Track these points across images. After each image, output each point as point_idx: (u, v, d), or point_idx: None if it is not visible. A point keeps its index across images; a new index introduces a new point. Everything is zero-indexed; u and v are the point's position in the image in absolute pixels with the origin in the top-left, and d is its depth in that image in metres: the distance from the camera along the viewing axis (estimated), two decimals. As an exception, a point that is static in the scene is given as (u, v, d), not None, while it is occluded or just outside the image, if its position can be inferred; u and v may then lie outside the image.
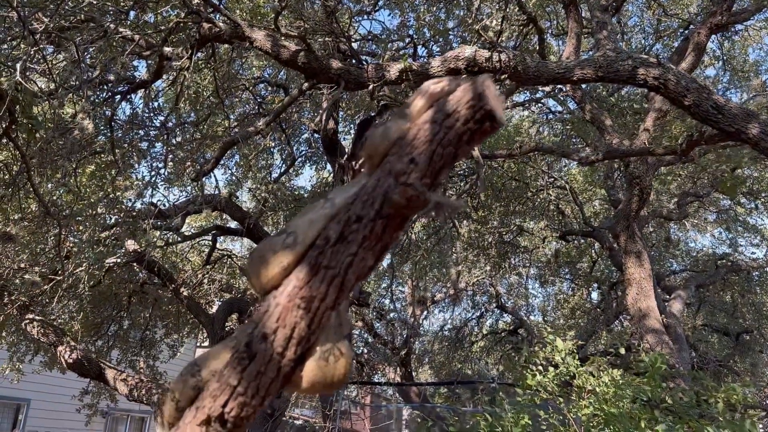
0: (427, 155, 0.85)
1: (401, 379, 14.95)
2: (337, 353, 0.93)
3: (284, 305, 0.90)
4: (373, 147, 0.91)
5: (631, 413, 5.04)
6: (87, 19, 5.00)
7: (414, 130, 0.88)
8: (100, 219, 7.12)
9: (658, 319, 7.83)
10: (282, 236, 0.94)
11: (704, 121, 4.53)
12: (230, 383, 0.91)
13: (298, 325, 0.89)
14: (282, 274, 0.92)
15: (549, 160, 11.63)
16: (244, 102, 9.40)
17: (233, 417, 0.92)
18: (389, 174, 0.86)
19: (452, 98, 0.86)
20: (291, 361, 0.90)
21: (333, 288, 0.89)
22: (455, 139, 0.85)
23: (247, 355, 0.91)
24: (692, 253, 15.01)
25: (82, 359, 7.79)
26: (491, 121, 0.84)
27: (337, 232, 0.89)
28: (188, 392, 0.98)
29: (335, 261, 0.88)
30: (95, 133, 5.95)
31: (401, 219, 0.87)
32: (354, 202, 0.89)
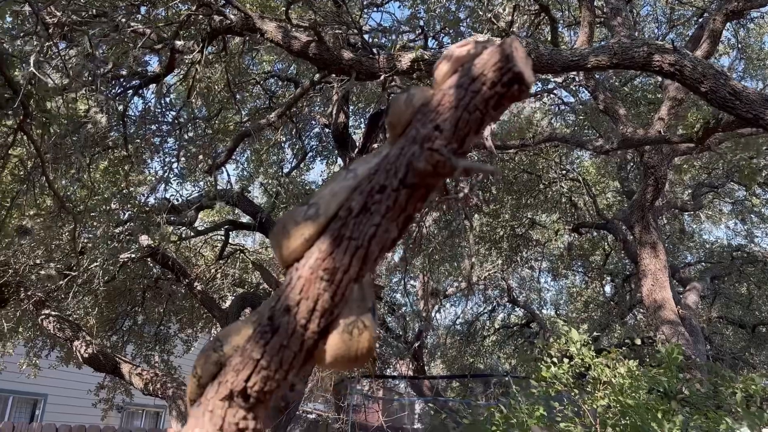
0: (453, 122, 0.83)
1: (413, 373, 14.95)
2: (360, 326, 0.91)
3: (307, 277, 0.88)
4: (397, 115, 0.89)
5: (647, 404, 5.00)
6: (99, 14, 5.01)
7: (438, 95, 0.86)
8: (114, 214, 7.15)
9: (673, 311, 7.76)
10: (304, 208, 0.92)
11: (721, 108, 4.47)
12: (253, 357, 0.89)
13: (321, 297, 0.87)
14: (304, 246, 0.91)
15: (561, 152, 11.55)
16: (255, 97, 9.40)
17: (256, 391, 0.90)
18: (413, 142, 0.84)
19: (478, 61, 0.84)
20: (314, 333, 0.89)
21: (356, 259, 0.87)
22: (482, 104, 0.83)
23: (270, 328, 0.89)
24: (707, 245, 14.87)
25: (98, 354, 7.86)
26: (520, 84, 0.82)
27: (360, 203, 0.87)
28: (210, 368, 0.96)
29: (358, 232, 0.86)
30: (108, 128, 5.97)
31: (426, 188, 0.85)
32: (377, 172, 0.87)
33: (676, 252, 14.31)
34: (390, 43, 7.60)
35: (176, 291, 9.72)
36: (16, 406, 13.50)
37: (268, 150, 9.87)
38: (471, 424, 6.27)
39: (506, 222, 12.60)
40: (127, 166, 6.78)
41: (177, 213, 7.83)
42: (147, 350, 10.58)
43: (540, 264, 16.00)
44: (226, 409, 0.93)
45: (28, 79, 3.79)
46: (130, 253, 7.58)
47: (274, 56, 8.92)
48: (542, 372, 5.44)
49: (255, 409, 0.93)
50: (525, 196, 11.87)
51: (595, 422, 5.17)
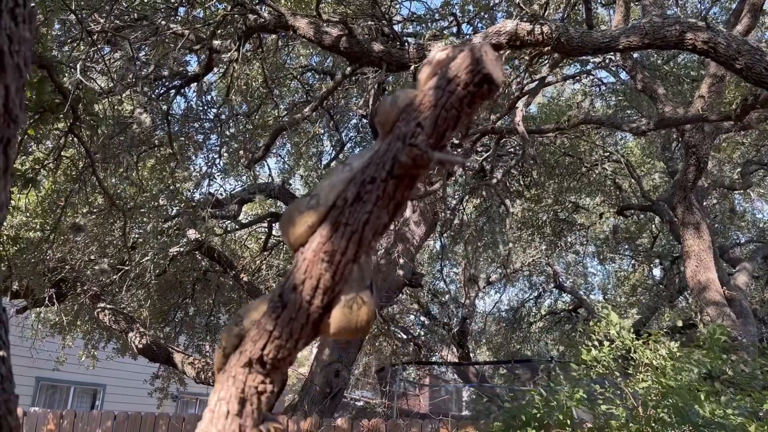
0: (432, 119, 0.94)
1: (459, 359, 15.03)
2: (359, 301, 1.04)
3: (310, 259, 1.01)
4: (384, 115, 1.00)
5: (690, 386, 4.97)
6: (140, 18, 5.24)
7: (420, 96, 0.97)
8: (162, 210, 7.45)
9: (719, 292, 7.63)
10: (307, 199, 1.05)
11: (758, 84, 4.40)
12: (267, 329, 1.03)
13: (323, 276, 1.00)
14: (308, 233, 1.04)
15: (603, 134, 11.39)
16: (293, 91, 9.59)
17: (271, 358, 1.04)
18: (398, 138, 0.96)
19: (453, 65, 0.94)
20: (318, 308, 1.02)
21: (352, 243, 0.99)
22: (457, 103, 0.94)
23: (281, 304, 1.03)
24: (759, 224, 14.43)
25: (152, 345, 8.22)
26: (489, 84, 0.92)
27: (354, 193, 0.99)
28: (233, 340, 1.10)
29: (353, 219, 0.99)
30: (153, 128, 6.23)
31: (410, 178, 0.97)
32: (369, 165, 0.99)
33: (727, 232, 13.95)
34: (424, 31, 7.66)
35: (224, 282, 10.03)
36: (77, 395, 14.18)
37: (308, 143, 10.07)
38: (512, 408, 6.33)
39: (548, 206, 12.49)
40: (173, 163, 7.05)
41: (221, 207, 8.09)
42: (198, 340, 10.96)
43: (585, 248, 15.81)
44: (246, 374, 1.07)
45: (76, 85, 4.03)
46: (178, 247, 7.88)
47: (310, 50, 9.08)
48: (583, 355, 5.47)
49: (271, 374, 1.07)
50: (567, 180, 11.74)
51: (637, 404, 5.18)
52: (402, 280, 8.42)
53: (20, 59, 0.97)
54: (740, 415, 4.71)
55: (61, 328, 9.36)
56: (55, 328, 9.52)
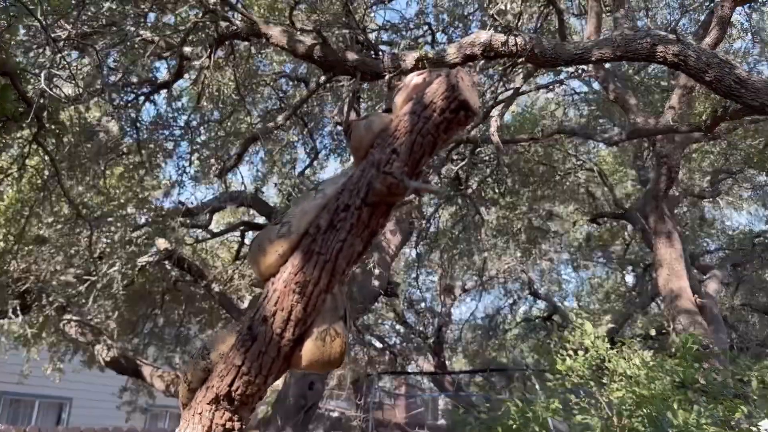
0: (408, 145, 0.90)
1: (435, 368, 15.00)
2: (333, 333, 0.98)
3: (281, 290, 0.95)
4: (358, 140, 0.95)
5: (663, 394, 5.00)
6: (108, 24, 5.12)
7: (395, 121, 0.92)
8: (131, 219, 7.29)
9: (690, 300, 7.72)
10: (277, 226, 0.99)
11: (727, 96, 4.46)
12: (235, 364, 0.97)
13: (294, 308, 0.95)
14: (279, 262, 0.98)
15: (576, 143, 11.48)
16: (266, 98, 9.49)
17: (239, 395, 0.98)
18: (372, 164, 0.91)
19: (429, 90, 0.90)
20: (290, 341, 0.96)
21: (325, 273, 0.94)
22: (433, 129, 0.89)
23: (249, 337, 0.97)
24: (728, 232, 14.68)
25: (120, 357, 8.02)
26: (466, 111, 0.88)
27: (327, 220, 0.94)
28: (199, 374, 1.04)
29: (326, 247, 0.93)
30: (121, 135, 6.10)
31: (386, 206, 0.92)
32: (342, 192, 0.94)
33: (697, 240, 14.16)
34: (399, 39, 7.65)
35: (195, 293, 9.86)
36: (42, 409, 13.79)
37: (281, 150, 9.96)
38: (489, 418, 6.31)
39: (523, 214, 12.55)
40: (142, 171, 6.91)
41: (192, 216, 7.95)
42: (168, 352, 10.74)
43: (559, 255, 15.93)
44: (213, 411, 1.01)
45: (41, 92, 3.91)
46: (147, 256, 7.72)
47: (284, 57, 8.99)
48: (558, 365, 5.47)
49: (240, 410, 1.01)
50: (541, 188, 11.81)
51: (611, 413, 5.19)
52: (377, 290, 8.37)
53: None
54: (713, 424, 4.74)
55: (26, 341, 9.08)
56: (20, 341, 9.24)
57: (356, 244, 0.87)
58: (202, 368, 0.97)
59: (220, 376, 0.92)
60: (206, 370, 0.98)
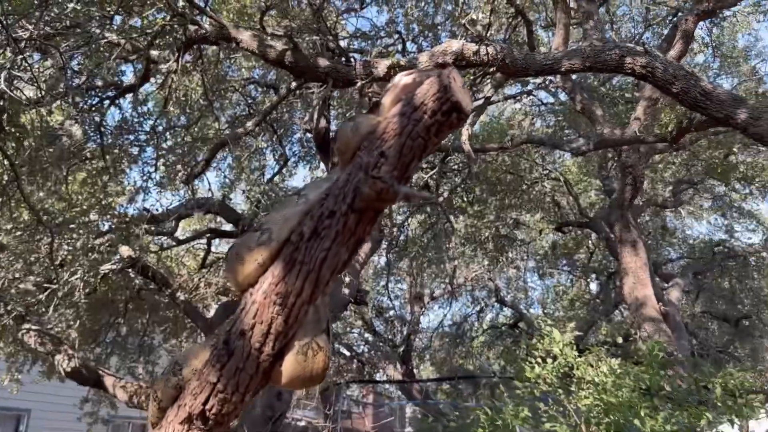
0: (397, 148, 0.86)
1: (403, 376, 14.97)
2: (315, 347, 0.93)
3: (260, 302, 0.90)
4: (345, 142, 0.91)
5: (630, 402, 5.05)
6: (72, 25, 4.98)
7: (384, 123, 0.88)
8: (93, 226, 7.10)
9: (655, 308, 7.85)
10: (257, 233, 0.94)
11: (693, 108, 4.54)
12: (210, 381, 0.91)
13: (275, 321, 0.89)
14: (258, 271, 0.93)
15: (543, 152, 11.63)
16: (234, 103, 9.38)
17: (214, 414, 0.92)
18: (360, 168, 0.86)
19: (419, 91, 0.86)
20: (269, 356, 0.91)
21: (308, 283, 0.89)
22: (424, 132, 0.85)
23: (226, 352, 0.91)
24: (689, 241, 15.02)
25: (81, 367, 7.77)
26: (458, 113, 0.85)
27: (311, 227, 0.89)
28: (170, 391, 0.98)
29: (309, 256, 0.88)
30: (85, 140, 5.94)
31: (374, 212, 0.88)
32: (327, 197, 0.89)
33: (659, 248, 14.46)
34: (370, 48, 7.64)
35: (159, 301, 9.66)
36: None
37: (250, 157, 9.86)
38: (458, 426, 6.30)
39: (491, 223, 12.65)
40: (105, 176, 6.74)
41: (157, 223, 7.79)
42: (131, 362, 10.49)
43: (526, 263, 16.08)
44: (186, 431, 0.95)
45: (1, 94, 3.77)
46: (110, 264, 7.53)
47: (253, 63, 8.91)
48: (526, 372, 5.48)
49: (214, 430, 0.95)
50: (509, 197, 11.93)
51: (579, 421, 5.22)
52: (346, 298, 8.30)
53: None
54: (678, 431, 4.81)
55: (-19, 351, 8.78)
56: (-25, 351, 8.92)
57: (341, 253, 0.83)
58: (173, 385, 0.91)
59: (194, 393, 0.86)
60: (178, 388, 0.92)
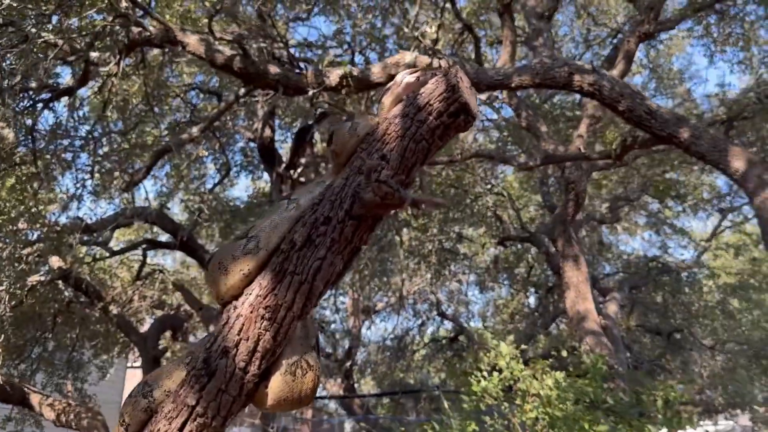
0: (399, 151, 0.80)
1: (343, 391, 14.80)
2: (304, 366, 0.85)
3: (246, 316, 0.82)
4: (341, 144, 0.84)
5: (574, 415, 5.10)
6: (6, 23, 4.72)
7: (384, 125, 0.82)
8: (22, 234, 6.73)
9: (596, 321, 8.03)
10: (242, 241, 0.86)
11: (638, 126, 4.68)
12: (187, 403, 0.82)
13: (262, 337, 0.81)
14: (243, 282, 0.84)
15: (486, 167, 11.80)
16: (175, 109, 9.11)
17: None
18: (359, 172, 0.80)
19: (424, 91, 0.81)
20: (255, 376, 0.82)
21: (300, 295, 0.81)
22: (428, 134, 0.80)
23: (206, 372, 0.82)
24: (624, 256, 15.52)
25: (4, 384, 7.32)
26: (466, 115, 0.80)
27: (304, 235, 0.81)
28: (139, 415, 0.88)
29: (302, 266, 0.81)
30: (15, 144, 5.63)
31: (373, 219, 0.81)
32: (321, 202, 0.82)
33: (596, 263, 14.87)
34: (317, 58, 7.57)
35: (90, 315, 9.22)
36: None
37: (190, 165, 9.59)
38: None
39: (434, 236, 12.72)
40: (36, 183, 6.41)
41: (91, 232, 7.45)
42: (59, 378, 9.96)
43: (468, 277, 16.23)
44: (156, 462, 0.85)
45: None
46: (39, 275, 7.16)
47: (196, 68, 8.69)
48: (473, 386, 5.48)
49: (189, 460, 0.85)
50: (452, 211, 12.03)
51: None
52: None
53: None
54: (621, 443, 4.90)
55: None
56: None
57: (337, 263, 0.76)
58: (142, 408, 0.82)
59: (168, 418, 0.77)
60: (148, 411, 0.82)
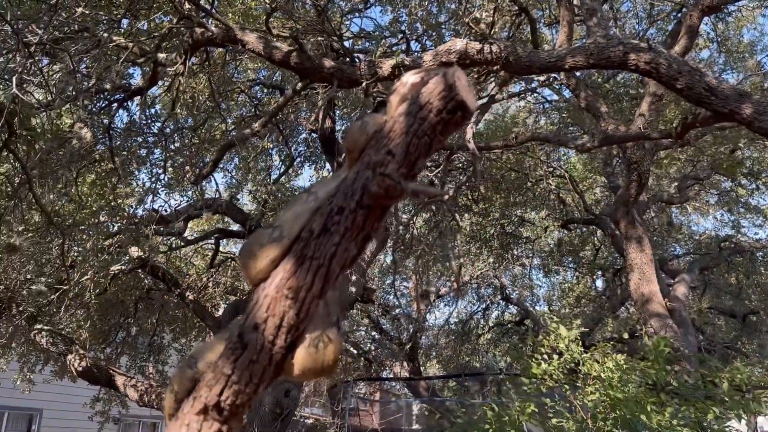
0: (403, 147, 0.89)
1: (409, 374, 15.00)
2: (326, 340, 0.97)
3: (273, 296, 0.94)
4: (352, 141, 0.94)
5: (636, 397, 5.05)
6: (81, 29, 5.04)
7: (390, 123, 0.91)
8: (103, 227, 7.18)
9: (661, 303, 7.85)
10: (269, 230, 0.98)
11: (697, 103, 4.55)
12: (224, 373, 0.95)
13: (286, 314, 0.93)
14: (270, 267, 0.96)
15: (547, 150, 11.64)
16: (240, 105, 9.44)
17: (229, 405, 0.96)
18: (367, 166, 0.90)
19: (425, 90, 0.89)
20: (282, 348, 0.94)
21: (318, 278, 0.93)
22: (429, 130, 0.89)
23: (240, 345, 0.95)
24: (695, 237, 14.98)
25: (92, 367, 7.86)
26: (463, 111, 0.88)
27: (321, 224, 0.92)
28: (186, 384, 1.02)
29: (319, 252, 0.92)
30: (94, 142, 6.01)
31: (381, 209, 0.91)
32: (336, 194, 0.93)
33: (665, 244, 14.43)
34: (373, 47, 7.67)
35: (168, 301, 9.74)
36: (11, 421, 13.44)
37: (256, 157, 9.92)
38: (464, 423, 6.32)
39: (496, 220, 12.66)
40: (115, 178, 6.81)
41: (166, 224, 7.86)
42: (141, 361, 10.59)
43: (531, 261, 16.05)
44: (201, 422, 0.98)
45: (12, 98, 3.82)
46: (120, 265, 7.61)
47: (259, 64, 8.96)
48: (533, 369, 5.50)
49: (229, 421, 0.98)
50: (513, 194, 11.94)
51: (586, 417, 5.23)
52: (353, 296, 8.34)
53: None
54: (685, 426, 4.82)
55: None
56: (-12, 351, 9.03)
57: (350, 248, 0.86)
58: (189, 378, 0.95)
59: (209, 385, 0.90)
60: (193, 380, 0.95)
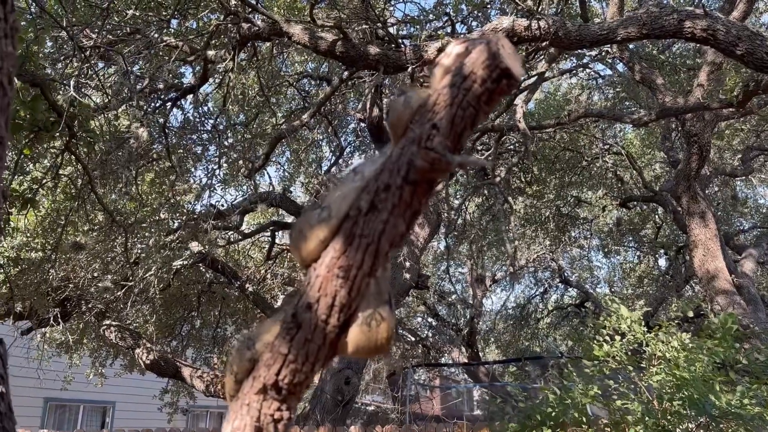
0: (448, 119, 0.88)
1: (468, 360, 14.96)
2: (378, 318, 0.97)
3: (324, 275, 0.94)
4: (396, 116, 0.94)
5: (704, 376, 4.90)
6: (132, 32, 5.19)
7: (434, 95, 0.90)
8: (164, 224, 7.39)
9: (728, 280, 7.56)
10: (317, 211, 0.98)
11: (759, 69, 4.34)
12: (281, 352, 0.96)
13: (338, 293, 0.93)
14: (320, 247, 0.97)
15: (602, 127, 11.32)
16: (289, 98, 9.54)
17: (287, 384, 0.97)
18: (413, 141, 0.89)
19: (468, 60, 0.88)
20: (335, 327, 0.95)
21: (368, 255, 0.93)
22: (474, 101, 0.87)
23: (294, 324, 0.96)
24: (761, 210, 14.34)
25: (159, 360, 8.15)
26: (508, 79, 0.86)
27: (368, 201, 0.92)
28: (245, 365, 1.04)
29: (368, 229, 0.92)
30: (151, 141, 6.19)
31: (428, 183, 0.90)
32: (382, 171, 0.92)
33: (730, 219, 13.86)
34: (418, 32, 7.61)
35: (229, 294, 9.98)
36: (87, 414, 14.09)
37: (307, 149, 10.02)
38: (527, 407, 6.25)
39: (551, 202, 12.42)
40: (172, 176, 7.00)
41: (223, 218, 8.04)
42: (206, 353, 10.90)
43: (589, 242, 15.71)
44: (261, 401, 1.00)
45: (71, 101, 3.98)
46: (182, 260, 7.82)
47: (305, 57, 9.03)
48: (595, 351, 5.40)
49: (288, 400, 1.00)
50: (568, 174, 11.67)
51: (652, 398, 5.11)
52: (408, 283, 8.36)
53: (3, 76, 0.90)
54: (757, 405, 4.65)
55: (68, 347, 9.29)
56: (62, 348, 9.46)
57: (399, 225, 0.85)
58: (248, 358, 0.96)
59: (267, 365, 0.91)
60: (252, 361, 0.97)
